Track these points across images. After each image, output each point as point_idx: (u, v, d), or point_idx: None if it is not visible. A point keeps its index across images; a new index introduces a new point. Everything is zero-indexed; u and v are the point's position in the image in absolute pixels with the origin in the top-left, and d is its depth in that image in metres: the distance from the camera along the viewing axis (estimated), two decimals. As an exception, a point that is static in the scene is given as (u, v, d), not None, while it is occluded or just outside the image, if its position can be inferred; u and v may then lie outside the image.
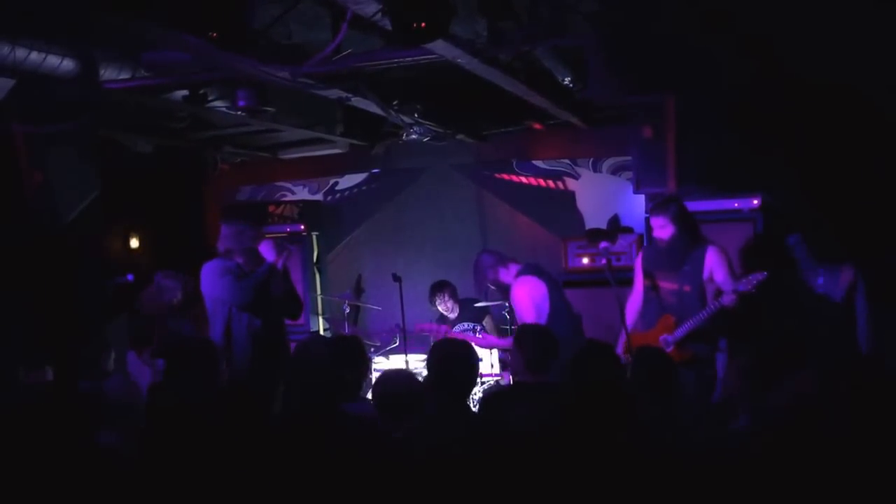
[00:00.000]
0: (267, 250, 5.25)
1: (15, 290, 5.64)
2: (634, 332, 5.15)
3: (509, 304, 5.97)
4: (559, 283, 5.65)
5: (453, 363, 3.45)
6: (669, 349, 4.90)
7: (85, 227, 6.38)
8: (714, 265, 4.98)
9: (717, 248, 5.03)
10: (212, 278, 5.24)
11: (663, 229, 5.06)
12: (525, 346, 4.14)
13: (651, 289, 5.14)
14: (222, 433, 3.14)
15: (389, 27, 3.90)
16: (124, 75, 4.84)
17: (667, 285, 5.10)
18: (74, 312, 6.08)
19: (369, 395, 4.30)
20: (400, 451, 3.12)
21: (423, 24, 3.52)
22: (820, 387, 3.12)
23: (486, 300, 6.53)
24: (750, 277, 4.78)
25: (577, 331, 5.44)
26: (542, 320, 5.24)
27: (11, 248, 5.63)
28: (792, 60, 4.88)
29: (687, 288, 5.01)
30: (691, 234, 5.07)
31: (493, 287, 5.72)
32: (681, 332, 4.96)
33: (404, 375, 4.00)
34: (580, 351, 3.27)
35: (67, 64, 4.54)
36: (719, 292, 4.95)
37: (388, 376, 3.82)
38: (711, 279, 5.01)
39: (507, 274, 5.55)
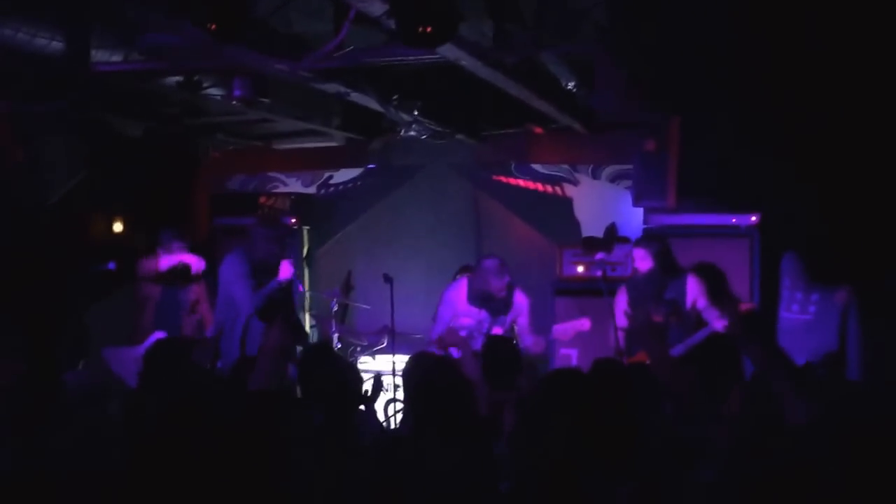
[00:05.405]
0: (285, 270, 5.54)
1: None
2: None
3: None
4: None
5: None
6: None
7: (69, 210, 6.23)
8: (696, 293, 5.14)
9: (695, 276, 5.18)
10: (233, 275, 5.58)
11: (643, 261, 5.33)
12: (483, 357, 4.01)
13: (634, 319, 5.21)
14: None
15: (394, 27, 3.78)
16: (116, 58, 4.69)
17: (652, 316, 5.13)
18: (53, 299, 5.93)
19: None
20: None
21: (429, 29, 3.39)
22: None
23: None
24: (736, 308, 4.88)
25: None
26: None
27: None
28: (799, 77, 4.82)
29: (672, 317, 5.14)
30: (668, 271, 5.28)
31: None
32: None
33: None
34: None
35: (56, 45, 4.39)
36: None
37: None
38: (694, 306, 5.12)
39: None
